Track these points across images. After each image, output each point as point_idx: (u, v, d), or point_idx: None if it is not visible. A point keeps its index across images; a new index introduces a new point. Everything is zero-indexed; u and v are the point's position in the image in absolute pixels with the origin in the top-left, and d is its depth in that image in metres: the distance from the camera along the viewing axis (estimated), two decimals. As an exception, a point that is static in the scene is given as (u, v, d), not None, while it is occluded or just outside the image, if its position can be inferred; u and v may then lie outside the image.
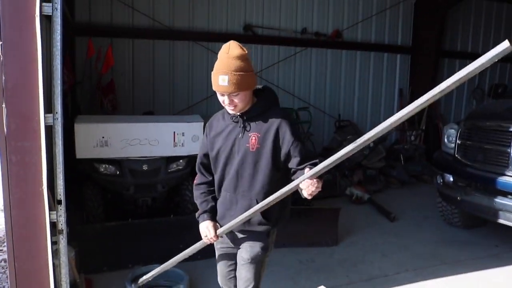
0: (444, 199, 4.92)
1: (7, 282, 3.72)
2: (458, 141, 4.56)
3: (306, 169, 2.10)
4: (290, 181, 2.20)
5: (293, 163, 2.26)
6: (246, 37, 7.27)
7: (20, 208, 2.72)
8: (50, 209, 2.76)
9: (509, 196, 4.07)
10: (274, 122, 2.27)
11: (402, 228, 5.27)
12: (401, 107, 8.28)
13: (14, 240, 2.75)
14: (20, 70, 2.60)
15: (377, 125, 1.84)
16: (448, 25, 8.59)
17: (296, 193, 2.19)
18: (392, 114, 1.80)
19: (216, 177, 2.46)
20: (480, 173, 4.28)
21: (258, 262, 2.45)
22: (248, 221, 2.35)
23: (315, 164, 2.16)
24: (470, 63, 1.55)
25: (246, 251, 2.44)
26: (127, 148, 4.17)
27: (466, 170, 4.44)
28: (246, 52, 2.25)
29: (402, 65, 8.55)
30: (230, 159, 2.36)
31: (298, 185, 2.07)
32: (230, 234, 2.48)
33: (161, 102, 6.87)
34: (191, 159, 4.61)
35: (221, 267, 2.63)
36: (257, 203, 2.28)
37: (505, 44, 1.43)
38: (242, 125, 2.31)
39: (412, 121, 8.18)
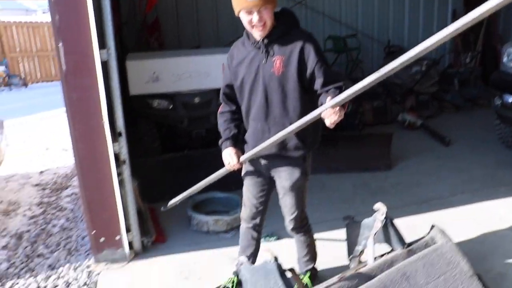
0: (503, 121, 4.71)
1: (79, 212, 4.05)
2: (520, 58, 4.28)
3: (328, 98, 2.01)
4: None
5: (317, 84, 2.18)
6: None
7: (84, 142, 2.88)
8: (113, 141, 2.90)
9: None
10: (297, 43, 2.18)
11: (457, 152, 5.14)
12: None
13: (82, 172, 2.94)
14: (71, 8, 2.64)
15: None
16: None
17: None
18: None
19: (243, 107, 2.41)
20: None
21: (299, 188, 2.45)
22: (284, 147, 2.33)
23: (339, 88, 2.11)
24: None
25: (286, 179, 2.42)
26: (179, 82, 4.23)
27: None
28: None
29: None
30: (256, 87, 2.29)
31: (320, 113, 2.01)
32: (265, 163, 2.44)
33: (207, 36, 6.83)
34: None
35: (251, 199, 2.56)
36: None
37: None
38: (264, 50, 2.22)
39: (467, 42, 7.69)
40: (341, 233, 3.34)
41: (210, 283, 2.85)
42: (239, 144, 2.47)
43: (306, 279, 2.69)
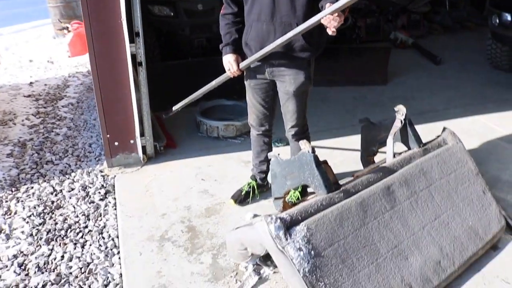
0: (498, 40, 4.83)
1: (80, 120, 3.99)
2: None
3: (327, 4, 1.99)
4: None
5: None
6: None
7: (101, 42, 2.80)
8: (130, 42, 2.83)
9: None
10: None
11: (448, 70, 5.30)
12: None
13: (98, 73, 2.87)
14: None
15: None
16: None
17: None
18: None
19: (247, 7, 2.32)
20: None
21: (303, 93, 2.45)
22: (290, 48, 2.27)
23: None
24: None
25: (290, 83, 2.40)
26: (181, -13, 4.05)
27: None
28: None
29: None
30: None
31: (321, 18, 1.99)
32: (269, 66, 2.39)
33: None
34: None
35: (255, 104, 2.57)
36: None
37: None
38: None
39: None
40: (346, 140, 3.53)
41: (227, 185, 2.97)
42: (239, 49, 2.43)
43: (296, 193, 2.67)
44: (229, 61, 2.41)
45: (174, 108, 2.98)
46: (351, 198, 2.13)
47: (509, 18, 4.46)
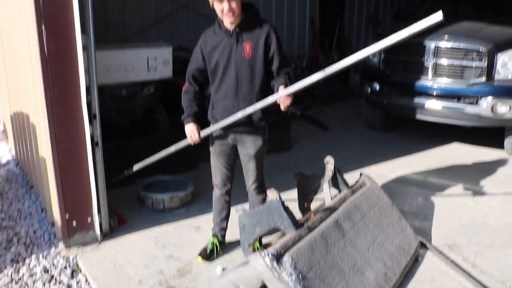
0: (371, 105, 5.99)
1: (12, 211, 3.88)
2: (382, 55, 5.55)
3: (281, 87, 2.61)
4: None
5: (274, 66, 2.72)
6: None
7: (62, 124, 3.00)
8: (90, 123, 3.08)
9: (424, 96, 5.23)
10: (263, 32, 2.67)
11: (336, 135, 6.29)
12: (313, 34, 9.22)
13: (58, 155, 3.04)
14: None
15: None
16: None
17: None
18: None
19: (214, 87, 2.81)
20: (402, 80, 5.34)
21: (261, 154, 2.93)
22: (251, 119, 2.75)
23: (288, 73, 2.71)
24: None
25: (251, 147, 2.86)
26: (106, 74, 4.35)
27: (390, 79, 5.48)
28: None
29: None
30: (228, 68, 2.71)
31: (276, 99, 2.60)
32: (233, 133, 2.84)
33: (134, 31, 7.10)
34: (159, 84, 4.99)
35: (220, 168, 2.97)
36: (257, 102, 2.71)
37: (439, 15, 2.05)
38: (236, 37, 2.66)
39: (323, 45, 9.16)
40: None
41: (187, 248, 3.25)
42: (199, 120, 2.88)
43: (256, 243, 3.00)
44: (191, 130, 2.85)
45: (126, 172, 3.24)
46: (314, 232, 2.62)
47: (377, 87, 5.63)
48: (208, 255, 3.09)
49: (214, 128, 2.84)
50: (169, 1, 7.46)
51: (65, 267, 3.03)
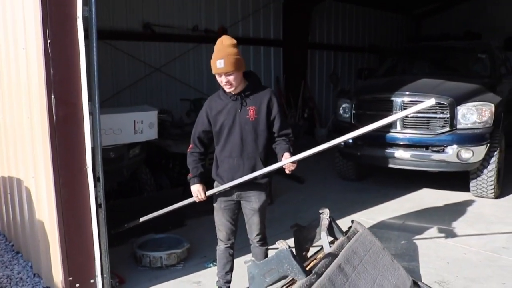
0: (345, 157, 6.34)
1: (14, 265, 3.80)
2: (353, 111, 5.98)
3: (286, 154, 2.93)
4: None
5: (275, 128, 3.00)
6: (145, 35, 7.71)
7: (68, 187, 3.09)
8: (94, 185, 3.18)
9: (394, 147, 5.64)
10: (265, 97, 2.96)
11: (312, 187, 6.55)
12: (279, 92, 9.72)
13: (63, 218, 3.10)
14: (66, 64, 2.97)
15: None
16: (313, 21, 10.20)
17: None
18: None
19: (219, 147, 3.03)
20: (373, 133, 5.70)
21: (264, 208, 3.12)
22: (254, 178, 2.95)
23: (287, 134, 3.03)
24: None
25: (255, 201, 3.04)
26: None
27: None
28: (235, 41, 2.92)
29: (276, 57, 9.92)
30: (233, 130, 2.95)
31: (282, 165, 2.92)
32: (237, 191, 3.03)
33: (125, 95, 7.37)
34: (144, 145, 5.12)
35: (224, 223, 3.12)
36: (261, 160, 3.00)
37: (432, 101, 2.60)
38: (240, 102, 2.94)
39: (289, 104, 9.65)
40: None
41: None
42: (204, 180, 3.09)
43: None
44: (197, 189, 3.04)
45: (126, 225, 3.32)
46: (322, 277, 2.76)
47: (350, 140, 6.00)
48: (214, 308, 3.15)
49: (220, 188, 3.04)
50: (142, 65, 7.74)
51: (71, 332, 2.99)
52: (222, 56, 2.81)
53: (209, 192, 3.06)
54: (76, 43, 2.98)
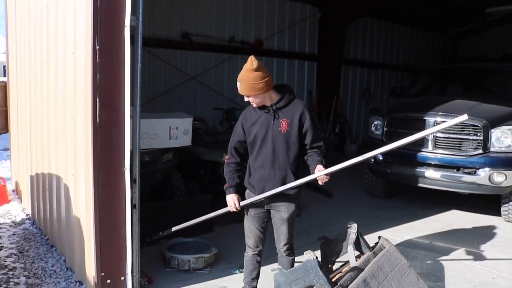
0: (374, 174, 6.34)
1: (36, 268, 3.98)
2: (385, 129, 5.99)
3: (319, 166, 3.00)
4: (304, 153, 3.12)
5: (307, 141, 3.08)
6: (183, 43, 7.94)
7: (106, 188, 3.23)
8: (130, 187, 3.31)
9: (425, 166, 5.61)
10: (297, 110, 3.04)
11: (339, 202, 6.56)
12: (311, 106, 9.78)
13: (100, 216, 3.23)
14: (113, 70, 3.13)
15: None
16: (348, 37, 10.26)
17: None
18: None
19: (252, 157, 3.13)
20: (404, 151, 5.74)
21: (293, 218, 3.19)
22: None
23: (319, 147, 3.11)
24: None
25: (285, 211, 3.11)
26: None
27: (393, 150, 5.85)
28: (260, 63, 2.94)
29: (310, 71, 10.01)
30: (265, 141, 3.04)
31: (316, 177, 2.98)
32: (267, 200, 3.11)
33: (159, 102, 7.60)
34: (177, 151, 5.27)
35: (254, 230, 3.19)
36: (291, 171, 3.06)
37: (464, 117, 2.64)
38: (273, 114, 3.03)
39: (321, 118, 9.70)
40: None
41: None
42: (239, 190, 3.18)
43: None
44: (232, 199, 3.15)
45: (161, 233, 3.43)
46: (347, 290, 2.80)
47: (381, 157, 6.01)
48: (240, 312, 3.22)
49: (253, 199, 3.12)
50: (178, 73, 7.95)
51: (100, 325, 3.11)
52: (240, 79, 2.99)
53: (243, 203, 3.15)
54: (123, 50, 3.13)
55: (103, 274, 3.29)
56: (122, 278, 3.38)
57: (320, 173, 2.97)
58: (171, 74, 7.89)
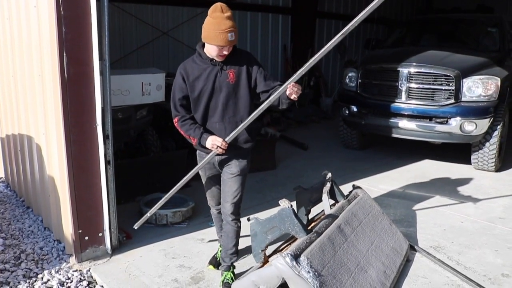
0: (349, 126, 6.41)
1: (13, 229, 3.96)
2: (359, 80, 6.01)
3: (277, 83, 2.80)
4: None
5: (261, 85, 2.83)
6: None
7: (78, 145, 3.18)
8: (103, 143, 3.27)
9: (398, 117, 5.69)
10: (243, 58, 2.85)
11: (315, 154, 6.65)
12: (286, 61, 9.70)
13: (73, 174, 3.20)
14: (78, 24, 3.01)
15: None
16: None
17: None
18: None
19: (199, 114, 2.87)
20: (378, 102, 5.80)
21: (244, 174, 2.99)
22: (236, 142, 2.84)
23: (279, 84, 2.80)
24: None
25: (235, 165, 2.92)
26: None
27: (367, 101, 5.93)
28: None
29: (284, 24, 9.86)
30: (214, 94, 2.82)
31: (284, 90, 2.64)
32: (219, 158, 2.92)
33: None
34: (151, 107, 5.19)
35: (212, 190, 3.14)
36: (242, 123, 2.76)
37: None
38: (220, 66, 2.79)
39: (295, 71, 9.64)
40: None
41: (196, 258, 3.46)
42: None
43: (229, 275, 3.07)
44: (214, 138, 2.78)
45: (149, 213, 3.31)
46: (322, 236, 2.88)
47: (355, 109, 6.06)
48: (218, 262, 3.28)
49: (234, 132, 2.80)
50: (149, 29, 7.73)
51: (81, 280, 3.15)
52: (233, 28, 2.68)
53: (227, 138, 2.79)
54: (88, 2, 3.01)
55: (80, 231, 3.29)
56: (100, 234, 3.40)
57: (287, 82, 2.65)
58: (142, 30, 7.67)
